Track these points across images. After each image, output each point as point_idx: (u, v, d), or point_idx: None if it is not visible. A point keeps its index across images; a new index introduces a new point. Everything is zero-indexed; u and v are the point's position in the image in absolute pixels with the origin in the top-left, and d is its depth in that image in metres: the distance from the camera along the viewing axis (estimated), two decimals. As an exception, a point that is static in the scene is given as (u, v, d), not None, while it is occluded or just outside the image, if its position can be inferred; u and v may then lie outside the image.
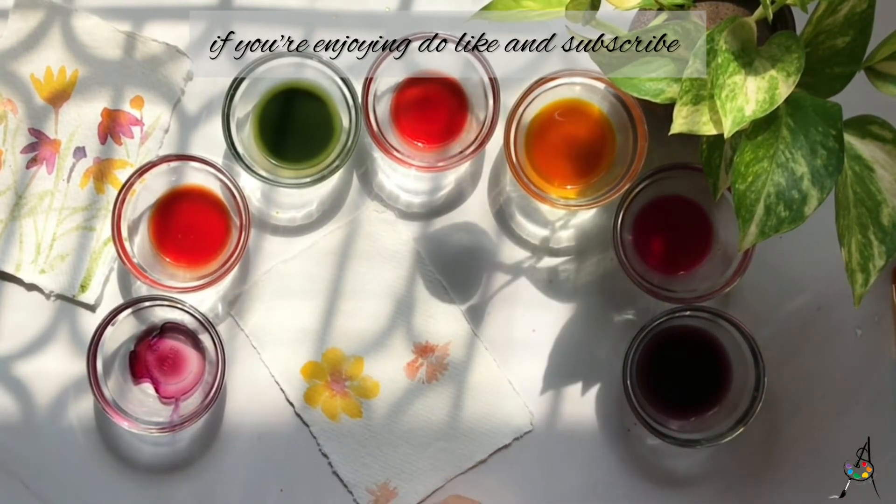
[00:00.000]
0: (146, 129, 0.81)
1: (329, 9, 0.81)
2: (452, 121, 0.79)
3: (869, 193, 0.61)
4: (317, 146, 0.79)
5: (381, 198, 0.81)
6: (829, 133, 0.59)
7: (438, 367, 0.80)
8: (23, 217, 0.80)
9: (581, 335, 0.81)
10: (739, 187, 0.59)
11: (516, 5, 0.69)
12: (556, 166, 0.79)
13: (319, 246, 0.81)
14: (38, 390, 0.80)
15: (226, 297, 0.80)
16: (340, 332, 0.80)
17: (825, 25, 0.61)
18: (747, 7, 0.72)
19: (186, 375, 0.80)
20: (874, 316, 0.81)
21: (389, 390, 0.80)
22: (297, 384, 0.80)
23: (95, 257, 0.80)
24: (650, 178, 0.75)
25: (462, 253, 0.81)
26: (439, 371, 0.80)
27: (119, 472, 0.80)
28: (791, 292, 0.81)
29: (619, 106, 0.76)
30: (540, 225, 0.81)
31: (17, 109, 0.81)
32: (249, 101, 0.78)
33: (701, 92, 0.61)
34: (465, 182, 0.81)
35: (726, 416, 0.77)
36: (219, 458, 0.80)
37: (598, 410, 0.81)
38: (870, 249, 0.61)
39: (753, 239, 0.60)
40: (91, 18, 0.81)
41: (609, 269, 0.81)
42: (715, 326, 0.78)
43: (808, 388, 0.81)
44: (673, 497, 0.80)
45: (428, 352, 0.80)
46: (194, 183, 0.79)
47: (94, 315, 0.80)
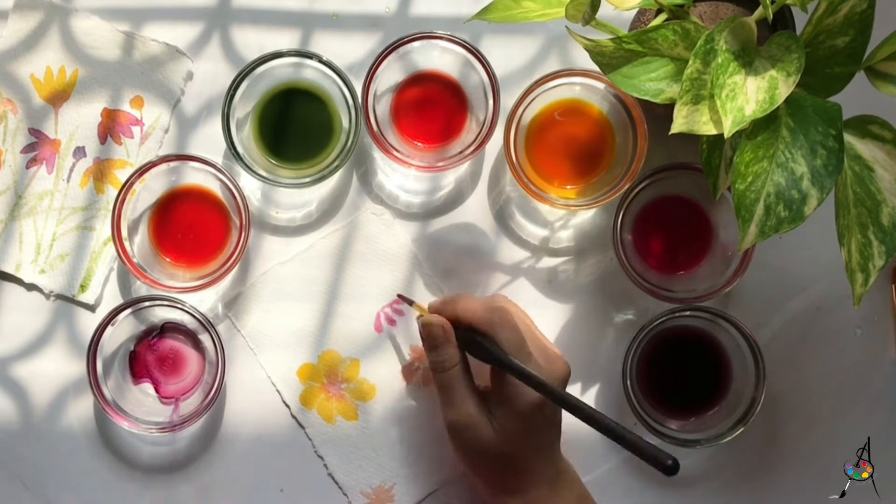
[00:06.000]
0: (146, 129, 0.81)
1: (329, 9, 0.81)
2: (452, 121, 0.79)
3: (869, 193, 0.61)
4: (316, 146, 0.79)
5: (380, 198, 0.81)
6: (829, 133, 0.59)
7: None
8: (22, 217, 0.80)
9: (581, 335, 0.81)
10: (739, 187, 0.59)
11: (516, 6, 0.69)
12: (556, 166, 0.79)
13: (317, 248, 0.81)
14: (37, 390, 0.80)
15: (225, 298, 0.80)
16: (337, 334, 0.80)
17: (825, 25, 0.61)
18: (747, 7, 0.72)
19: (186, 375, 0.80)
20: (874, 316, 0.81)
21: (385, 393, 0.80)
22: (293, 386, 0.80)
23: (95, 257, 0.80)
24: (650, 178, 0.75)
25: (462, 253, 0.81)
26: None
27: (119, 472, 0.80)
28: (791, 292, 0.81)
29: (618, 106, 0.76)
30: (540, 225, 0.81)
31: (17, 109, 0.81)
32: (249, 101, 0.78)
33: (701, 92, 0.61)
34: (465, 182, 0.82)
35: (726, 416, 0.77)
36: (218, 458, 0.80)
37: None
38: (870, 249, 0.61)
39: (753, 239, 0.60)
40: (91, 18, 0.81)
41: (609, 269, 0.81)
42: (715, 326, 0.78)
43: (808, 387, 0.81)
44: (673, 497, 0.80)
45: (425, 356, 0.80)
46: (194, 183, 0.79)
47: (93, 315, 0.80)
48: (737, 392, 0.78)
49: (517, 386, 0.70)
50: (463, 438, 0.72)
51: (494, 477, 0.72)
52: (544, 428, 0.72)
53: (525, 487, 0.72)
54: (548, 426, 0.72)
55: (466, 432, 0.71)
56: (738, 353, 0.77)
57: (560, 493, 0.72)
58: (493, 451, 0.71)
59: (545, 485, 0.72)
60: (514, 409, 0.70)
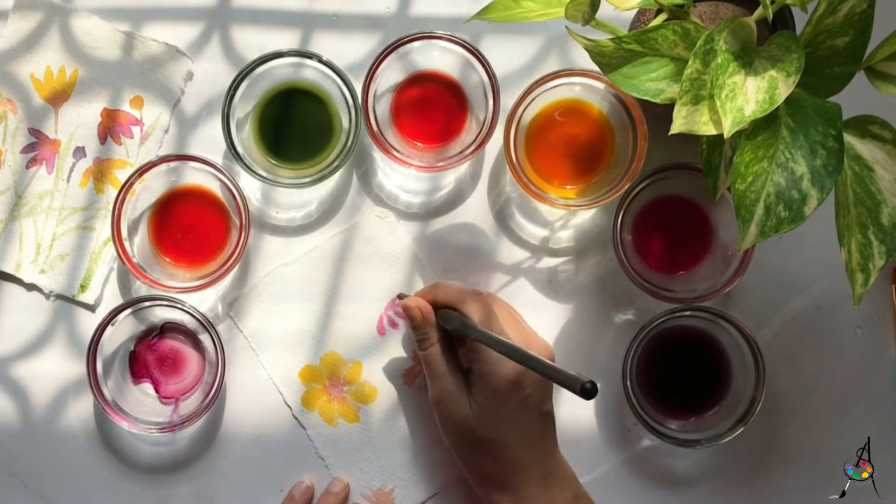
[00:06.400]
0: (146, 129, 0.81)
1: (329, 9, 0.81)
2: (452, 121, 0.79)
3: (869, 193, 0.61)
4: (316, 146, 0.79)
5: (380, 198, 0.81)
6: (829, 133, 0.59)
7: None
8: (22, 217, 0.80)
9: (581, 335, 0.81)
10: (739, 187, 0.59)
11: (516, 5, 0.69)
12: (556, 166, 0.79)
13: (320, 249, 0.80)
14: (37, 390, 0.80)
15: (225, 298, 0.80)
16: (339, 335, 0.80)
17: (825, 25, 0.61)
18: (747, 7, 0.72)
19: (186, 375, 0.80)
20: (874, 316, 0.81)
21: (387, 396, 0.80)
22: (294, 387, 0.80)
23: (95, 257, 0.80)
24: (650, 178, 0.75)
25: (462, 253, 0.81)
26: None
27: (119, 472, 0.80)
28: (791, 292, 0.81)
29: (618, 106, 0.76)
30: (539, 225, 0.81)
31: (17, 109, 0.81)
32: (249, 101, 0.78)
33: (701, 92, 0.61)
34: (465, 182, 0.81)
35: (726, 416, 0.77)
36: (218, 458, 0.80)
37: (598, 410, 0.81)
38: (870, 249, 0.61)
39: (753, 239, 0.60)
40: (91, 18, 0.81)
41: (609, 269, 0.81)
42: (715, 326, 0.78)
43: (808, 387, 0.81)
44: (673, 497, 0.80)
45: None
46: (194, 183, 0.79)
47: (93, 315, 0.80)
48: (737, 392, 0.78)
49: (492, 365, 0.71)
50: (441, 412, 0.74)
51: (477, 461, 0.73)
52: (526, 414, 0.72)
53: (516, 483, 0.72)
54: (531, 414, 0.72)
55: (444, 407, 0.73)
56: (738, 353, 0.77)
57: (553, 492, 0.72)
58: (469, 429, 0.72)
59: (537, 483, 0.72)
60: (488, 385, 0.72)
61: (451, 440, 0.75)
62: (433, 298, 0.76)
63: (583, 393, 0.61)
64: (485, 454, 0.73)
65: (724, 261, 0.77)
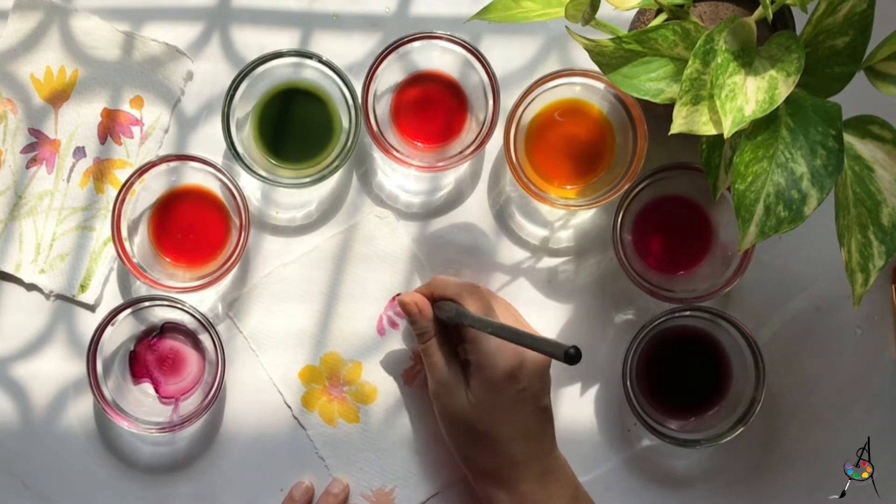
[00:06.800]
0: (146, 129, 0.81)
1: (329, 9, 0.81)
2: (452, 121, 0.79)
3: (869, 193, 0.61)
4: (316, 146, 0.79)
5: (380, 198, 0.81)
6: (829, 133, 0.59)
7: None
8: (22, 217, 0.80)
9: (581, 335, 0.81)
10: (739, 187, 0.59)
11: (516, 5, 0.69)
12: (556, 166, 0.79)
13: (320, 249, 0.80)
14: (37, 390, 0.80)
15: (225, 298, 0.80)
16: (339, 335, 0.80)
17: (825, 25, 0.61)
18: (747, 7, 0.72)
19: (186, 375, 0.80)
20: (874, 316, 0.81)
21: (387, 396, 0.80)
22: (294, 387, 0.80)
23: (95, 257, 0.80)
24: (650, 178, 0.75)
25: (462, 253, 0.81)
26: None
27: (119, 472, 0.80)
28: (791, 292, 0.81)
29: (618, 106, 0.76)
30: (539, 225, 0.81)
31: (17, 109, 0.81)
32: (249, 101, 0.78)
33: (701, 92, 0.61)
34: (465, 182, 0.81)
35: (726, 416, 0.77)
36: (218, 458, 0.80)
37: (598, 410, 0.81)
38: (870, 249, 0.61)
39: (753, 239, 0.60)
40: (91, 18, 0.81)
41: (609, 269, 0.81)
42: (715, 326, 0.78)
43: (808, 387, 0.81)
44: (673, 497, 0.80)
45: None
46: (194, 183, 0.79)
47: (93, 315, 0.80)
48: (737, 392, 0.78)
49: (488, 356, 0.71)
50: (440, 405, 0.74)
51: (474, 455, 0.73)
52: (522, 407, 0.72)
53: (513, 479, 0.72)
54: (527, 408, 0.72)
55: (441, 398, 0.74)
56: (738, 353, 0.77)
57: (551, 490, 0.72)
58: (467, 421, 0.72)
59: (535, 480, 0.72)
60: (484, 376, 0.72)
61: (449, 433, 0.75)
62: (430, 293, 0.76)
63: (567, 358, 0.60)
64: (482, 448, 0.73)
65: (723, 261, 0.77)
